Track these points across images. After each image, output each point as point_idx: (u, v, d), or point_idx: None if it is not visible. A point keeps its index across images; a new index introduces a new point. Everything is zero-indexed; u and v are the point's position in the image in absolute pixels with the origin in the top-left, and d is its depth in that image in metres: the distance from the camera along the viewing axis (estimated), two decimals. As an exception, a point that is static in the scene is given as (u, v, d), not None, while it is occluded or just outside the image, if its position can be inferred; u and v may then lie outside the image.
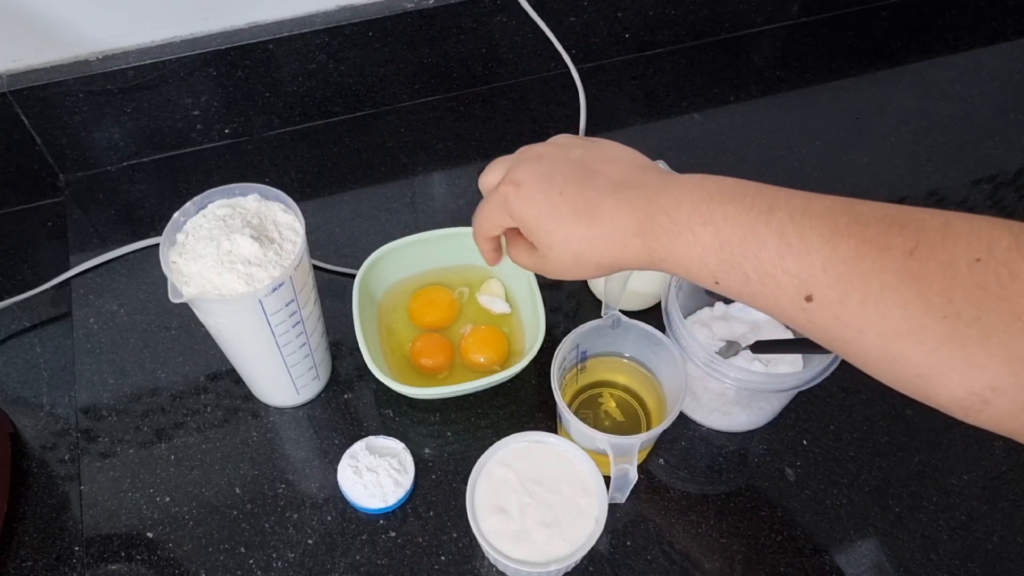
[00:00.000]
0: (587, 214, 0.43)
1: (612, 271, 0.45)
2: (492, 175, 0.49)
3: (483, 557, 0.58)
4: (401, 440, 0.62)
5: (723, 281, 0.39)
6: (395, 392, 0.61)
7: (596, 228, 0.43)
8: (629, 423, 0.62)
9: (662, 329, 0.59)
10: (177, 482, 0.61)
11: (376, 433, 0.63)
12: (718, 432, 0.64)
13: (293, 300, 0.54)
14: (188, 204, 0.55)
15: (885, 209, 0.36)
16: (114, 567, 0.58)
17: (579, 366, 0.63)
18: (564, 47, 0.81)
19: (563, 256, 0.45)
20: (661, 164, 0.67)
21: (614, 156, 0.46)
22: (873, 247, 0.34)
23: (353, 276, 0.66)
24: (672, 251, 0.40)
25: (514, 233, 0.49)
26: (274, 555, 0.58)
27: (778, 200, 0.38)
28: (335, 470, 0.60)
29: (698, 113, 0.86)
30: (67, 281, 0.72)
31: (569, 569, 0.57)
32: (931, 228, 0.34)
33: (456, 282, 0.70)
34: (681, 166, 0.77)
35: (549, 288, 0.70)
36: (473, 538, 0.56)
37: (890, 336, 0.34)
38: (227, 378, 0.66)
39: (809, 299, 0.36)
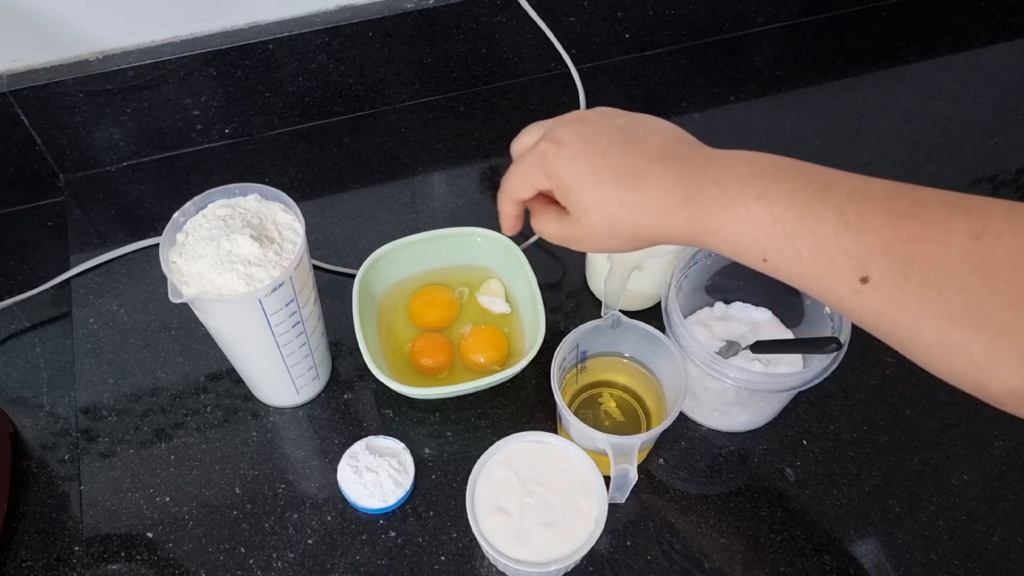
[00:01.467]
0: (630, 179, 0.41)
1: (649, 244, 0.43)
2: (527, 137, 0.47)
3: (483, 557, 0.58)
4: (401, 440, 0.62)
5: (772, 259, 0.38)
6: (395, 392, 0.61)
7: (639, 194, 0.41)
8: (629, 423, 0.62)
9: (662, 329, 0.59)
10: (177, 482, 0.61)
11: (376, 433, 0.63)
12: (718, 432, 0.64)
13: (293, 300, 0.54)
14: (188, 204, 0.55)
15: (946, 194, 0.35)
16: (114, 567, 0.58)
17: (579, 366, 0.63)
18: (564, 47, 0.81)
19: (599, 221, 0.43)
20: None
21: (659, 128, 0.44)
22: (937, 230, 0.33)
23: (353, 276, 0.66)
24: (721, 224, 0.39)
25: (542, 202, 0.47)
26: (274, 555, 0.58)
27: (835, 179, 0.37)
28: (335, 470, 0.60)
29: (698, 113, 0.86)
30: (67, 281, 0.72)
31: (569, 569, 0.57)
32: (997, 215, 0.33)
33: (456, 282, 0.70)
34: (681, 166, 0.78)
35: (549, 288, 0.70)
36: (473, 538, 0.56)
37: (949, 321, 0.33)
38: (227, 378, 0.66)
39: (865, 280, 0.35)
